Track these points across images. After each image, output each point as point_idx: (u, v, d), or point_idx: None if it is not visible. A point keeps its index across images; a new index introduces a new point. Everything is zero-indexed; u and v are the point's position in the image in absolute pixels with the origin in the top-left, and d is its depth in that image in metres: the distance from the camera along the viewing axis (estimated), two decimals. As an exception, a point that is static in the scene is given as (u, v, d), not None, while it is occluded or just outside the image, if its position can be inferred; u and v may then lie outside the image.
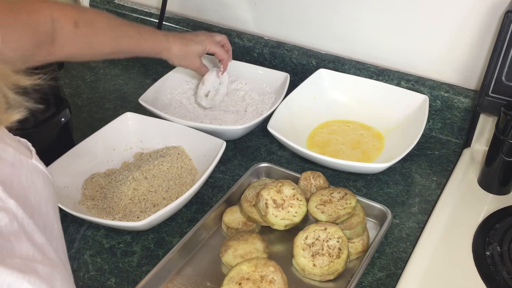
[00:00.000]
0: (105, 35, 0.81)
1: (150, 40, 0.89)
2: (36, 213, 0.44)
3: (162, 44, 0.91)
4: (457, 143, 1.01)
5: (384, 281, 0.74)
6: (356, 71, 1.07)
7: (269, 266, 0.69)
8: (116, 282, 0.74)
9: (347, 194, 0.81)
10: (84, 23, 0.77)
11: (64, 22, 0.73)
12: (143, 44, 0.88)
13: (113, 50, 0.84)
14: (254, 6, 1.16)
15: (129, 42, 0.86)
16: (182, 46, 0.94)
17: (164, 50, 0.92)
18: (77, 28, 0.75)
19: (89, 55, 0.82)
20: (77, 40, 0.76)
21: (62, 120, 0.85)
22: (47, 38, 0.71)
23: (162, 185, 0.86)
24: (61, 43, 0.74)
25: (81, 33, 0.76)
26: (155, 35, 0.91)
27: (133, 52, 0.88)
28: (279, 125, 0.94)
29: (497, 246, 0.76)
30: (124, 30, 0.85)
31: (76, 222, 0.84)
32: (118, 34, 0.84)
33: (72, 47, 0.76)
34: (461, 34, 0.95)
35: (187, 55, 0.96)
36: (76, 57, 0.80)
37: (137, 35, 0.87)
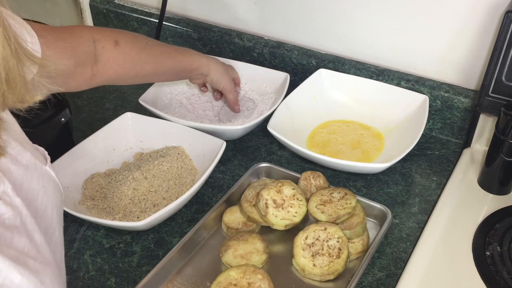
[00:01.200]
0: (145, 53, 0.83)
1: (188, 56, 0.92)
2: (40, 215, 0.46)
3: (200, 60, 0.94)
4: (457, 143, 1.01)
5: (384, 281, 0.74)
6: (356, 71, 1.07)
7: (258, 274, 0.70)
8: (116, 282, 0.74)
9: (347, 194, 0.81)
10: (124, 42, 0.79)
11: (105, 42, 0.76)
12: (182, 60, 0.90)
13: (154, 69, 0.85)
14: (254, 6, 1.16)
15: (169, 59, 0.88)
16: (221, 64, 0.98)
17: (204, 65, 0.94)
18: (118, 46, 0.78)
19: (132, 74, 0.83)
20: (120, 58, 0.78)
21: (62, 120, 0.85)
22: (89, 57, 0.74)
23: (162, 185, 0.86)
24: (104, 62, 0.76)
25: (122, 51, 0.79)
26: (192, 52, 0.93)
27: (173, 69, 0.90)
28: (279, 125, 0.94)
29: (497, 246, 0.76)
30: (162, 49, 0.87)
31: (76, 222, 0.84)
32: (157, 53, 0.85)
33: (115, 65, 0.78)
34: (461, 34, 0.95)
35: (226, 74, 0.98)
36: (120, 77, 0.81)
37: (174, 52, 0.90)
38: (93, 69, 0.75)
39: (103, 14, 1.35)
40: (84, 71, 0.74)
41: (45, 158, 0.51)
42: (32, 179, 0.46)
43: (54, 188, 0.50)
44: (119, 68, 0.79)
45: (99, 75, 0.77)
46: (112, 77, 0.79)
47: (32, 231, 0.43)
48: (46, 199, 0.48)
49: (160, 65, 0.86)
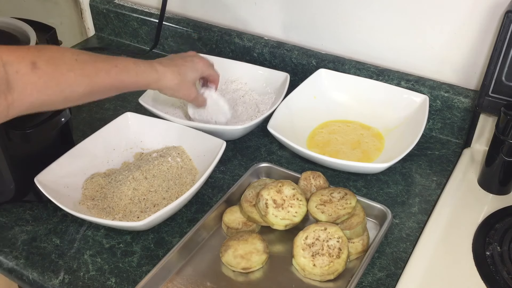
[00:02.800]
0: (74, 73, 0.68)
1: (133, 72, 0.77)
2: None
3: (149, 76, 0.80)
4: (457, 143, 1.01)
5: (384, 281, 0.74)
6: (356, 71, 1.07)
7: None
8: (116, 282, 0.74)
9: (347, 194, 0.81)
10: (44, 63, 0.64)
11: (18, 64, 0.62)
12: (124, 78, 0.75)
13: (88, 90, 0.70)
14: (254, 6, 1.16)
15: (106, 78, 0.72)
16: (174, 75, 0.83)
17: (153, 83, 0.81)
18: (37, 69, 0.63)
19: (60, 99, 0.68)
20: (40, 83, 0.64)
21: (62, 120, 0.84)
22: (1, 85, 0.60)
23: (162, 185, 0.86)
24: (20, 89, 0.62)
25: (43, 74, 0.64)
26: (137, 67, 0.78)
27: (115, 89, 0.76)
28: (279, 125, 0.94)
29: (497, 246, 0.76)
30: (97, 65, 0.72)
31: (76, 222, 0.84)
32: (91, 71, 0.70)
33: (35, 92, 0.64)
34: (461, 34, 0.95)
35: (182, 85, 0.85)
36: (45, 103, 0.66)
37: (115, 68, 0.74)
38: (7, 99, 0.61)
39: (103, 14, 1.35)
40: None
41: None
42: None
43: None
44: (42, 95, 0.65)
45: (17, 105, 0.62)
46: (34, 105, 0.65)
47: None
48: None
49: (96, 86, 0.71)
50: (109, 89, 0.75)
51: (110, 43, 1.37)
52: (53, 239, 0.81)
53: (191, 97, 0.90)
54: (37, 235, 0.82)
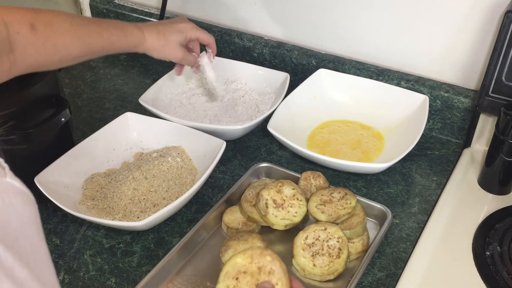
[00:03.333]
0: (69, 35, 0.72)
1: (122, 35, 0.81)
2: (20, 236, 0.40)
3: (136, 38, 0.83)
4: (457, 143, 1.01)
5: (384, 281, 0.74)
6: (356, 71, 1.07)
7: (266, 255, 0.65)
8: (116, 282, 0.74)
9: (347, 194, 0.81)
10: (42, 24, 0.68)
11: (19, 25, 0.66)
12: (114, 41, 0.80)
13: (83, 52, 0.75)
14: (254, 6, 1.16)
15: (99, 40, 0.77)
16: (159, 36, 0.86)
17: (140, 45, 0.85)
18: (35, 30, 0.67)
19: (56, 60, 0.72)
20: (38, 44, 0.68)
21: (62, 120, 0.85)
22: (3, 45, 0.64)
23: (162, 185, 0.86)
24: (20, 49, 0.66)
25: (40, 35, 0.68)
26: (126, 29, 0.82)
27: (106, 50, 0.80)
28: (279, 125, 0.94)
29: (497, 246, 0.76)
30: (91, 28, 0.76)
31: (76, 222, 0.84)
32: (84, 33, 0.75)
33: (34, 53, 0.68)
34: (461, 34, 0.95)
35: (166, 46, 0.88)
36: (42, 64, 0.71)
37: (106, 32, 0.78)
38: (9, 59, 0.65)
39: (103, 14, 1.35)
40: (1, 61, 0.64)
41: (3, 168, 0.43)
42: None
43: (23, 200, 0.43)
44: (40, 56, 0.69)
45: (18, 65, 0.66)
46: (33, 64, 0.69)
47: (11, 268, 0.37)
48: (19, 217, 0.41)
49: (89, 48, 0.76)
50: (101, 50, 0.79)
51: (110, 43, 1.36)
52: (53, 239, 0.81)
53: (178, 57, 0.91)
54: (37, 235, 0.82)
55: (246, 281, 0.64)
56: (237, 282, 0.64)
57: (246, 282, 0.63)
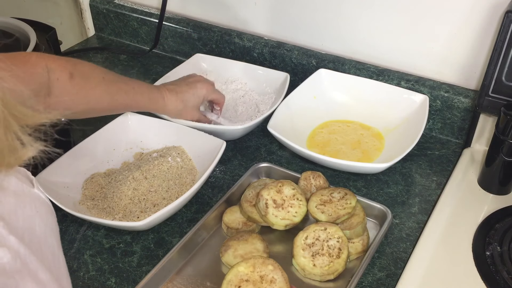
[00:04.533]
0: (100, 89, 0.78)
1: (146, 97, 0.86)
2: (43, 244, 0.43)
3: (158, 102, 0.88)
4: (457, 143, 1.01)
5: (384, 281, 0.74)
6: (356, 71, 1.07)
7: (268, 265, 0.67)
8: (116, 282, 0.74)
9: (347, 194, 0.81)
10: (80, 75, 0.74)
11: (60, 73, 0.71)
12: (139, 100, 0.85)
13: (110, 106, 0.81)
14: (254, 6, 1.16)
15: (125, 98, 0.82)
16: (178, 103, 0.91)
17: (159, 109, 0.90)
18: (73, 79, 0.72)
19: (86, 109, 0.78)
20: (73, 92, 0.73)
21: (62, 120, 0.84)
22: (43, 88, 0.68)
23: (162, 185, 0.86)
24: (57, 94, 0.70)
25: (77, 85, 0.73)
26: (150, 92, 0.87)
27: (129, 108, 0.86)
28: (279, 125, 0.94)
29: (497, 246, 0.76)
30: (119, 85, 0.82)
31: (76, 222, 0.84)
32: (113, 89, 0.80)
33: (68, 100, 0.72)
34: (461, 34, 0.95)
35: (184, 110, 0.92)
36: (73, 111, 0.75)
37: (132, 91, 0.83)
38: (46, 101, 0.69)
39: (103, 14, 1.35)
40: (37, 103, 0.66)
41: (30, 180, 0.46)
42: (24, 207, 0.42)
43: (47, 211, 0.45)
44: (72, 103, 0.74)
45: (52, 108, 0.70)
46: (64, 111, 0.72)
47: (36, 271, 0.39)
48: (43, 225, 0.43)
49: (115, 103, 0.82)
50: (124, 107, 0.85)
51: (110, 43, 1.37)
52: (53, 239, 0.81)
53: (194, 120, 0.95)
54: (37, 235, 0.82)
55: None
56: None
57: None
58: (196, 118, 0.95)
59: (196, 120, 0.95)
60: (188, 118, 0.94)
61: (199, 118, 0.96)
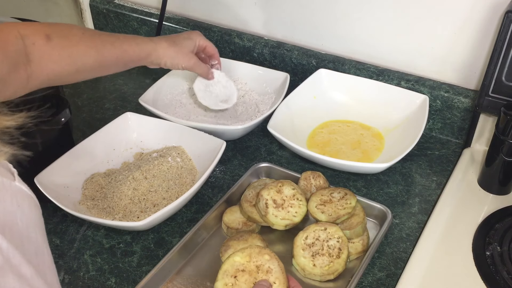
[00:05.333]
0: (84, 45, 0.74)
1: (134, 44, 0.82)
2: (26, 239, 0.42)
3: (148, 45, 0.85)
4: (457, 143, 1.01)
5: (384, 281, 0.74)
6: (356, 71, 1.07)
7: (264, 254, 0.66)
8: (116, 282, 0.74)
9: (347, 194, 0.81)
10: (57, 36, 0.70)
11: (34, 37, 0.67)
12: (128, 49, 0.81)
13: (97, 61, 0.76)
14: (254, 6, 1.16)
15: (112, 49, 0.78)
16: (170, 43, 0.88)
17: (152, 52, 0.85)
18: (50, 41, 0.69)
19: (72, 70, 0.73)
20: (54, 54, 0.69)
21: (62, 120, 0.85)
22: (20, 57, 0.65)
23: (162, 185, 0.86)
24: (37, 60, 0.67)
25: (56, 45, 0.69)
26: (138, 39, 0.84)
27: (120, 60, 0.81)
28: (279, 125, 0.94)
29: (497, 246, 0.76)
30: (103, 38, 0.78)
31: (76, 222, 0.84)
32: (98, 43, 0.76)
33: (50, 63, 0.69)
34: (461, 34, 0.95)
35: (179, 52, 0.89)
36: (59, 75, 0.72)
37: (118, 41, 0.80)
38: (26, 70, 0.66)
39: (103, 14, 1.35)
40: (17, 74, 0.65)
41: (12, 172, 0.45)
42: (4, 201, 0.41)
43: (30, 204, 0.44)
44: (56, 66, 0.70)
45: (35, 76, 0.68)
46: (49, 76, 0.70)
47: (18, 266, 0.38)
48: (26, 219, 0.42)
49: (103, 57, 0.77)
50: (115, 60, 0.80)
51: (110, 43, 1.36)
52: (53, 239, 0.81)
53: (191, 63, 0.92)
54: (37, 235, 0.82)
55: (244, 279, 0.64)
56: (236, 280, 0.65)
57: (244, 281, 0.64)
58: (193, 61, 0.92)
59: (193, 64, 0.92)
60: (185, 61, 0.90)
61: (195, 62, 0.92)
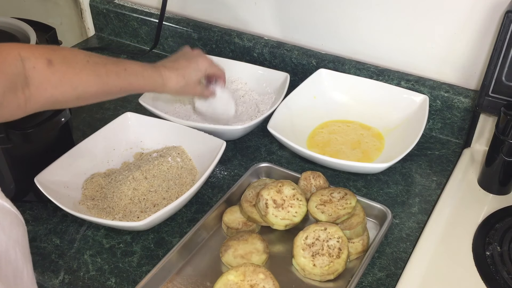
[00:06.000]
0: (86, 73, 0.71)
1: (141, 77, 0.80)
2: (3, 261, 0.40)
3: (155, 81, 0.82)
4: (457, 143, 1.01)
5: (384, 281, 0.74)
6: (356, 71, 1.07)
7: (259, 273, 0.65)
8: (116, 282, 0.74)
9: (347, 194, 0.81)
10: (60, 61, 0.67)
11: (35, 60, 0.65)
12: (133, 81, 0.78)
13: (100, 90, 0.73)
14: (254, 6, 1.16)
15: (117, 80, 0.75)
16: (179, 79, 0.85)
17: (158, 87, 0.83)
18: (52, 66, 0.66)
19: (73, 97, 0.70)
20: (54, 80, 0.67)
21: (62, 120, 0.85)
22: (19, 79, 0.63)
23: (162, 185, 0.86)
24: (36, 84, 0.65)
25: (57, 71, 0.67)
26: (145, 70, 0.81)
27: (124, 91, 0.78)
28: (279, 125, 0.94)
29: (497, 246, 0.76)
30: (108, 67, 0.74)
31: (76, 222, 0.84)
32: (102, 72, 0.73)
33: (50, 88, 0.66)
34: (461, 34, 0.95)
35: (186, 87, 0.87)
36: (59, 100, 0.69)
37: (124, 72, 0.77)
38: (24, 93, 0.64)
39: (103, 14, 1.35)
40: (15, 96, 0.63)
41: None
42: None
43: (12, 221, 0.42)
44: (56, 91, 0.67)
45: (34, 100, 0.65)
46: (49, 101, 0.67)
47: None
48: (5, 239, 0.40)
49: (106, 87, 0.74)
50: (119, 90, 0.77)
51: (110, 43, 1.37)
52: (53, 239, 0.81)
53: (197, 94, 0.93)
54: (37, 235, 0.82)
55: None
56: None
57: None
58: (199, 92, 0.92)
59: (199, 95, 0.93)
60: (191, 93, 0.91)
61: (201, 92, 0.92)
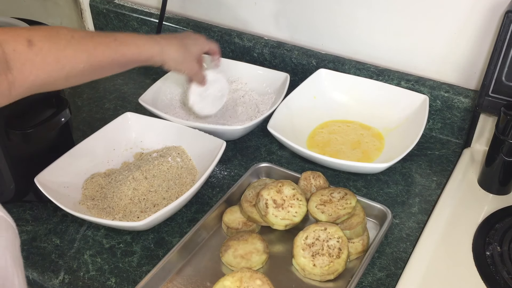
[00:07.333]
0: (72, 48, 0.67)
1: (133, 45, 0.75)
2: None
3: (152, 48, 0.78)
4: (457, 143, 1.01)
5: (384, 281, 0.74)
6: (356, 71, 1.07)
7: (256, 279, 0.64)
8: (116, 282, 0.74)
9: (347, 194, 0.81)
10: (41, 40, 0.63)
11: (14, 43, 0.61)
12: (125, 51, 0.74)
13: (89, 65, 0.69)
14: (254, 6, 1.16)
15: (107, 51, 0.71)
16: (179, 47, 0.82)
17: (156, 54, 0.79)
18: (33, 46, 0.62)
19: (61, 76, 0.66)
20: (38, 60, 0.63)
21: (62, 120, 0.85)
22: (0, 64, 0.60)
23: (162, 185, 0.86)
24: (18, 67, 0.61)
25: (39, 51, 0.63)
26: (139, 40, 0.77)
27: (116, 63, 0.74)
28: (279, 125, 0.94)
29: (497, 246, 0.76)
30: (96, 40, 0.70)
31: (76, 222, 0.84)
32: (89, 46, 0.69)
33: (34, 70, 0.63)
34: (461, 34, 0.95)
35: (186, 57, 0.85)
36: (47, 82, 0.65)
37: (114, 42, 0.72)
38: (8, 78, 0.60)
39: (103, 14, 1.35)
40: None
41: None
42: None
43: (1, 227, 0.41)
44: (41, 72, 0.64)
45: (18, 84, 0.62)
46: (35, 83, 0.64)
47: None
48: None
49: (96, 60, 0.70)
50: (111, 64, 0.73)
51: (110, 43, 1.36)
52: (53, 239, 0.81)
53: (194, 71, 0.90)
54: (37, 235, 0.82)
55: None
56: None
57: None
58: (196, 69, 0.89)
59: (195, 72, 0.90)
60: (188, 68, 0.87)
61: (197, 71, 0.90)
